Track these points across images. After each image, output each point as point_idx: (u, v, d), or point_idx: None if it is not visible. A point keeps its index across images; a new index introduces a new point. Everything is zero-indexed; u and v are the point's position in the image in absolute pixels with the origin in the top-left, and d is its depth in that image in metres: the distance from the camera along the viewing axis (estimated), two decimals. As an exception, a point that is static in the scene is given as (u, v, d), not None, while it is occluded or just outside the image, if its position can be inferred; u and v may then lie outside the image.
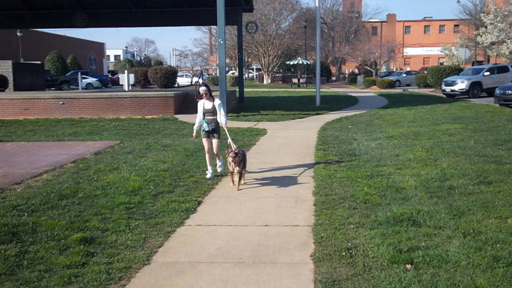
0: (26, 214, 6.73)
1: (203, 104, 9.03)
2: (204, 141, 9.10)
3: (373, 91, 41.80)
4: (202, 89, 9.00)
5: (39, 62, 45.85)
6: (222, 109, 9.00)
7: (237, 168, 8.17)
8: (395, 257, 4.92)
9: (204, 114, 8.97)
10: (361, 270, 4.74)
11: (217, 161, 9.38)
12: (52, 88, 42.71)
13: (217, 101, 9.03)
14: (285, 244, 5.56)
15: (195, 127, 9.28)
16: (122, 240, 5.74)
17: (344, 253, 5.15)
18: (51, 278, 4.69)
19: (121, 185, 8.22)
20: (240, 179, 8.30)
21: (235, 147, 8.51)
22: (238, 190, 8.12)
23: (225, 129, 8.96)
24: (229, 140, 8.82)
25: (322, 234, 5.78)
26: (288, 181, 8.66)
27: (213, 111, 8.94)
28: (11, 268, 4.95)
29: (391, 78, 51.12)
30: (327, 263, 4.93)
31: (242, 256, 5.23)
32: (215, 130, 9.01)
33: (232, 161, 8.09)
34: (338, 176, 8.75)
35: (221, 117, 8.94)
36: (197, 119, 9.11)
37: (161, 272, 4.91)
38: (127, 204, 7.17)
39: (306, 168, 9.73)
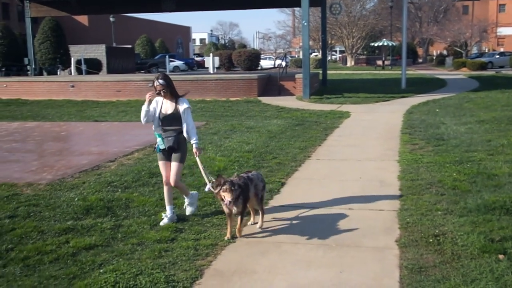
0: (119, 190, 7.11)
1: (161, 105, 5.79)
2: (161, 165, 5.95)
3: (463, 73, 39.88)
4: (159, 83, 5.68)
5: (130, 46, 47.86)
6: (190, 118, 5.78)
7: (235, 208, 5.23)
8: (487, 246, 4.73)
9: (161, 121, 5.79)
10: (449, 258, 4.60)
11: (184, 198, 6.17)
12: (142, 71, 44.44)
13: (183, 104, 5.74)
14: (369, 228, 5.50)
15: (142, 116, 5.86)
16: (208, 218, 5.93)
17: (431, 240, 5.01)
18: (143, 251, 4.95)
19: (207, 165, 8.44)
20: (241, 221, 5.36)
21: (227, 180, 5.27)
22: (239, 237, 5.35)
23: (197, 159, 5.86)
24: (205, 177, 5.79)
25: (408, 219, 5.66)
26: (372, 165, 8.52)
27: (174, 118, 5.75)
28: (107, 240, 5.27)
29: (482, 59, 48.55)
30: (413, 249, 4.83)
31: (326, 239, 5.24)
32: (175, 149, 5.82)
33: (226, 197, 5.13)
34: (425, 161, 8.49)
35: (189, 132, 5.76)
36: (142, 113, 5.82)
37: (245, 250, 5.03)
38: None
39: (391, 152, 9.52)
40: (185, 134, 5.78)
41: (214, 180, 5.43)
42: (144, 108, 5.75)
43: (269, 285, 4.26)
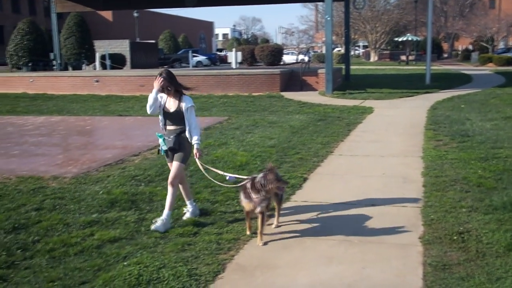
0: (143, 184, 7.18)
1: (165, 102, 5.53)
2: (170, 166, 5.71)
3: (489, 68, 39.21)
4: (162, 79, 5.37)
5: (153, 41, 48.18)
6: (193, 117, 5.50)
7: (263, 204, 5.07)
8: (512, 244, 4.66)
9: (165, 119, 5.61)
10: (474, 256, 4.54)
11: (187, 202, 5.88)
12: (165, 66, 44.63)
13: (187, 102, 5.44)
14: (392, 225, 5.45)
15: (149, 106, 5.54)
16: (230, 213, 5.96)
17: (455, 237, 4.95)
18: (166, 245, 4.99)
19: (229, 160, 8.49)
20: (262, 223, 5.08)
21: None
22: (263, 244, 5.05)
23: (198, 161, 5.62)
24: (208, 176, 5.80)
25: (432, 216, 5.60)
26: (395, 161, 8.45)
27: (176, 117, 5.48)
28: (131, 233, 5.34)
29: (509, 54, 47.61)
30: (437, 247, 4.78)
31: (348, 234, 5.22)
32: (176, 150, 5.51)
33: (283, 184, 5.18)
34: (449, 157, 8.39)
35: (191, 132, 5.47)
36: (150, 101, 5.48)
37: (267, 245, 5.03)
38: (236, 178, 7.38)
39: (414, 148, 9.42)
40: (187, 134, 5.51)
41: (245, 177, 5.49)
42: (152, 95, 5.42)
43: (291, 280, 4.27)
